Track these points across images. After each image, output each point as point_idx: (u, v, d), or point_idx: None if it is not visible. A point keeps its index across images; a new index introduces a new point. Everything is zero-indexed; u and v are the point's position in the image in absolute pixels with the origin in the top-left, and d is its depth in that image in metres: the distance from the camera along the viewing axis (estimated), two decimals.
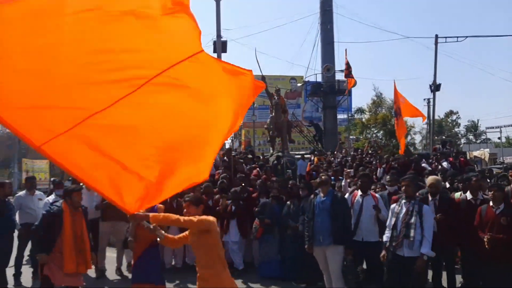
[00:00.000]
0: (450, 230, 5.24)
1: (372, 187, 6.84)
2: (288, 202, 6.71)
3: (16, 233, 6.41)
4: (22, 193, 6.87)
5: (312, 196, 5.60)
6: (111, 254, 7.53)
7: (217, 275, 3.36)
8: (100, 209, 7.20)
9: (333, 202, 5.22)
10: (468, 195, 5.52)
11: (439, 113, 48.15)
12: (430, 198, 5.43)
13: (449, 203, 5.44)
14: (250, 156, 12.42)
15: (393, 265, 4.68)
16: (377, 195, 5.95)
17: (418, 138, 41.95)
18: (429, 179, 5.88)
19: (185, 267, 7.27)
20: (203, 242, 3.36)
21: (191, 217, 3.34)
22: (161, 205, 7.00)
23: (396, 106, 11.05)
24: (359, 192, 5.85)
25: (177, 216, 3.33)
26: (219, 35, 13.16)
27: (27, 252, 6.97)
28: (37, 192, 6.98)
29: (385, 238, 4.91)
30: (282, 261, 6.62)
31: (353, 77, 19.18)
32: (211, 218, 3.40)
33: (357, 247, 5.47)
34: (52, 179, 7.70)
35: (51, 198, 6.94)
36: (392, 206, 5.06)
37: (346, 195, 6.06)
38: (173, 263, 7.47)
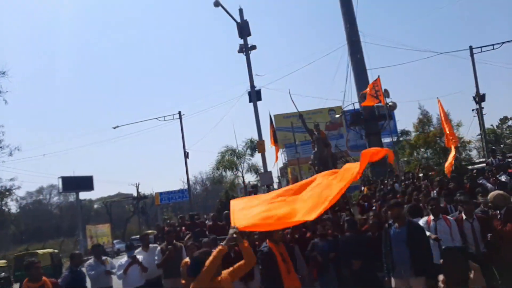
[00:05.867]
0: None
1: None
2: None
3: None
4: (90, 261, 7.27)
5: (386, 226, 5.54)
6: None
7: None
8: (162, 267, 7.48)
9: (409, 232, 5.12)
10: None
11: (493, 122, 45.47)
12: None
13: None
14: None
15: None
16: (449, 218, 5.79)
17: (474, 153, 39.67)
18: (491, 195, 5.88)
19: None
20: None
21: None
22: None
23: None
24: (432, 217, 5.75)
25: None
26: (252, 86, 13.78)
27: None
28: (103, 258, 7.37)
29: None
30: None
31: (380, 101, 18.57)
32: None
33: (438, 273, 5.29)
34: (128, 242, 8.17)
35: (124, 260, 7.31)
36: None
37: (420, 222, 5.91)
38: None
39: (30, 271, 4.76)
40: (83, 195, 47.61)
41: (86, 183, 41.62)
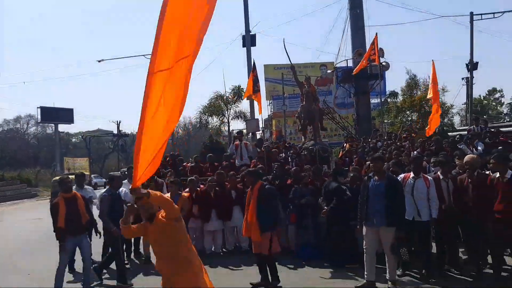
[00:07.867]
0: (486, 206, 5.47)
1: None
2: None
3: None
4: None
5: (365, 178, 5.73)
6: None
7: (178, 274, 3.22)
8: None
9: (388, 185, 5.34)
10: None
11: (481, 93, 45.90)
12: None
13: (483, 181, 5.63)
14: (287, 145, 12.52)
15: None
16: (429, 177, 5.97)
17: (457, 119, 40.34)
18: (466, 158, 6.13)
19: (225, 253, 7.67)
20: (173, 233, 3.21)
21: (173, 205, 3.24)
22: (185, 194, 7.36)
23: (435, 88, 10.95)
24: (411, 174, 5.91)
25: (168, 198, 3.26)
26: (248, 30, 13.24)
27: None
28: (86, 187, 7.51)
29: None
30: (318, 244, 6.89)
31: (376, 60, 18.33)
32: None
33: (407, 226, 5.56)
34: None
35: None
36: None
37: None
38: (212, 248, 7.78)
39: (63, 185, 5.80)
40: (62, 128, 46.92)
41: (65, 115, 40.92)
